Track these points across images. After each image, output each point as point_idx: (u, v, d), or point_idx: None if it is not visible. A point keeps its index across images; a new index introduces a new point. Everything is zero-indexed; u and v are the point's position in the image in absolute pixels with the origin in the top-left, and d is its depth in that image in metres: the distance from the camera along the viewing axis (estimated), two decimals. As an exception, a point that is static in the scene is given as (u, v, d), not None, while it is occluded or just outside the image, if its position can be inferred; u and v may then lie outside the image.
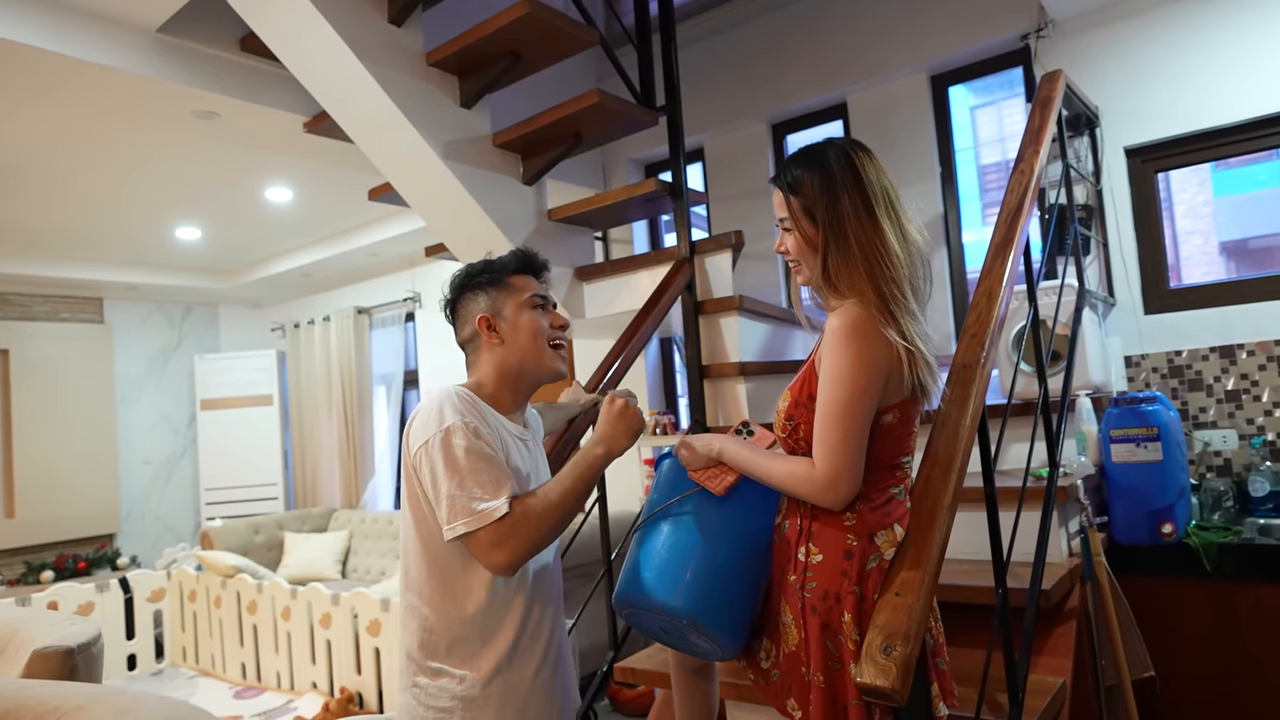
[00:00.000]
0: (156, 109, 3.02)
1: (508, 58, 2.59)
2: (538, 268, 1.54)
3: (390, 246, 5.30)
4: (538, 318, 1.49)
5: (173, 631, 4.83)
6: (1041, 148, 2.12)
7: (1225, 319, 2.71)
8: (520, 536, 1.26)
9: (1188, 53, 2.78)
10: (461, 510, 1.27)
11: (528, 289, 1.50)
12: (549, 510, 1.30)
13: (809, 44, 3.56)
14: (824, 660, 1.30)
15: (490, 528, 1.25)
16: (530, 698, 1.38)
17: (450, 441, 1.30)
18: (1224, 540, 2.23)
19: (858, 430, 1.27)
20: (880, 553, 1.29)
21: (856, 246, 1.31)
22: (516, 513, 1.27)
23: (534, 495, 1.31)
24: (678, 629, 1.41)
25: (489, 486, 1.28)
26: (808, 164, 1.37)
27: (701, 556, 1.38)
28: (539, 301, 1.50)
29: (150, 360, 6.41)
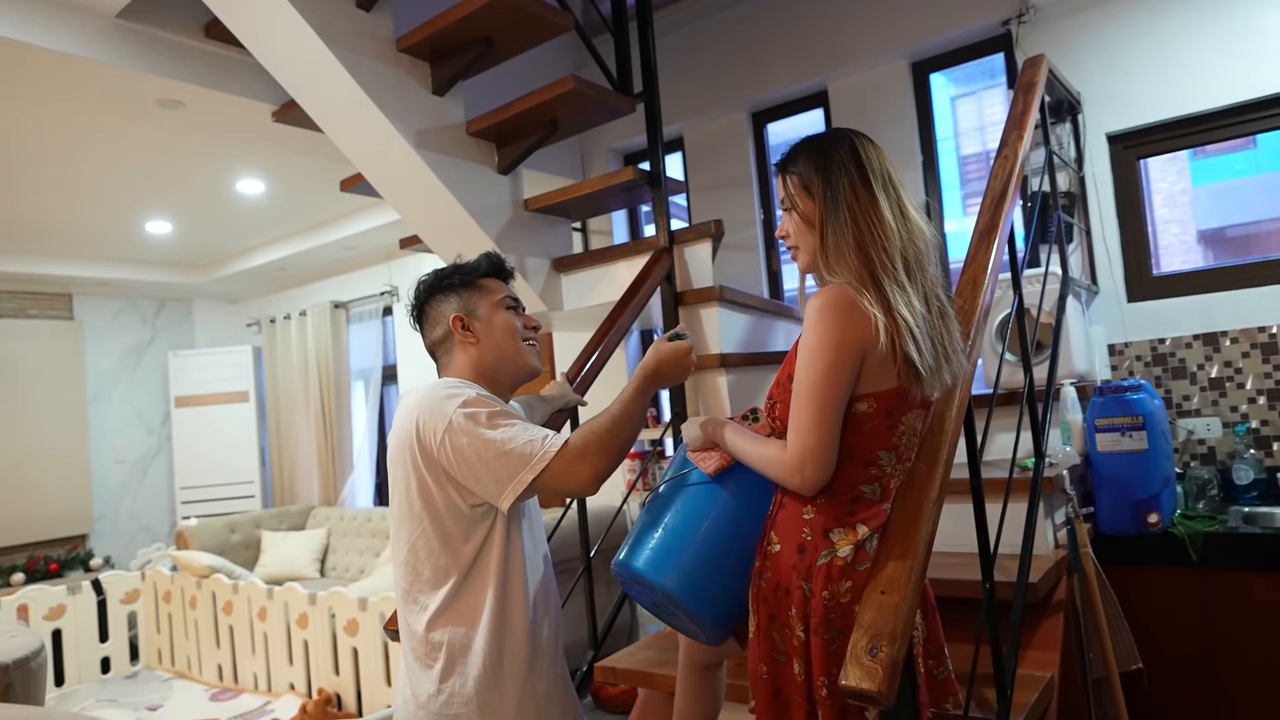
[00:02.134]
0: (118, 98, 2.92)
1: (481, 43, 2.52)
2: (506, 273, 1.59)
3: (367, 239, 5.21)
4: (511, 318, 1.52)
5: (148, 633, 4.74)
6: (1025, 133, 2.09)
7: (1208, 306, 2.70)
8: (594, 450, 1.32)
9: (1169, 38, 2.76)
10: (519, 461, 1.28)
11: (500, 291, 1.54)
12: (607, 428, 1.35)
13: (789, 30, 3.50)
14: (769, 651, 1.30)
15: (558, 460, 1.29)
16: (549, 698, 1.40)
17: (475, 415, 1.31)
18: (1209, 529, 2.21)
19: (830, 411, 1.23)
20: (834, 549, 1.25)
21: (849, 218, 1.29)
22: (576, 441, 1.32)
23: (584, 426, 1.36)
24: (664, 605, 1.40)
25: (533, 431, 1.32)
26: (807, 146, 1.38)
27: (686, 535, 1.37)
28: (511, 303, 1.54)
29: (122, 357, 6.28)
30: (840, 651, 1.15)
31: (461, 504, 1.33)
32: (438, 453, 1.31)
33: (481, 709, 1.31)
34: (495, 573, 1.35)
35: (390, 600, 3.44)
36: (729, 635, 1.43)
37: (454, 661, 1.33)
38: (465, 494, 1.33)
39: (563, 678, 1.46)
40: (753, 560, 1.36)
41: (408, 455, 1.35)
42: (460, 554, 1.34)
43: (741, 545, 1.37)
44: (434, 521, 1.34)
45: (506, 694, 1.33)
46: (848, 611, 1.21)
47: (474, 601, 1.34)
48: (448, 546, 1.34)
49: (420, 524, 1.35)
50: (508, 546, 1.37)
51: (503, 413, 1.34)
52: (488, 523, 1.35)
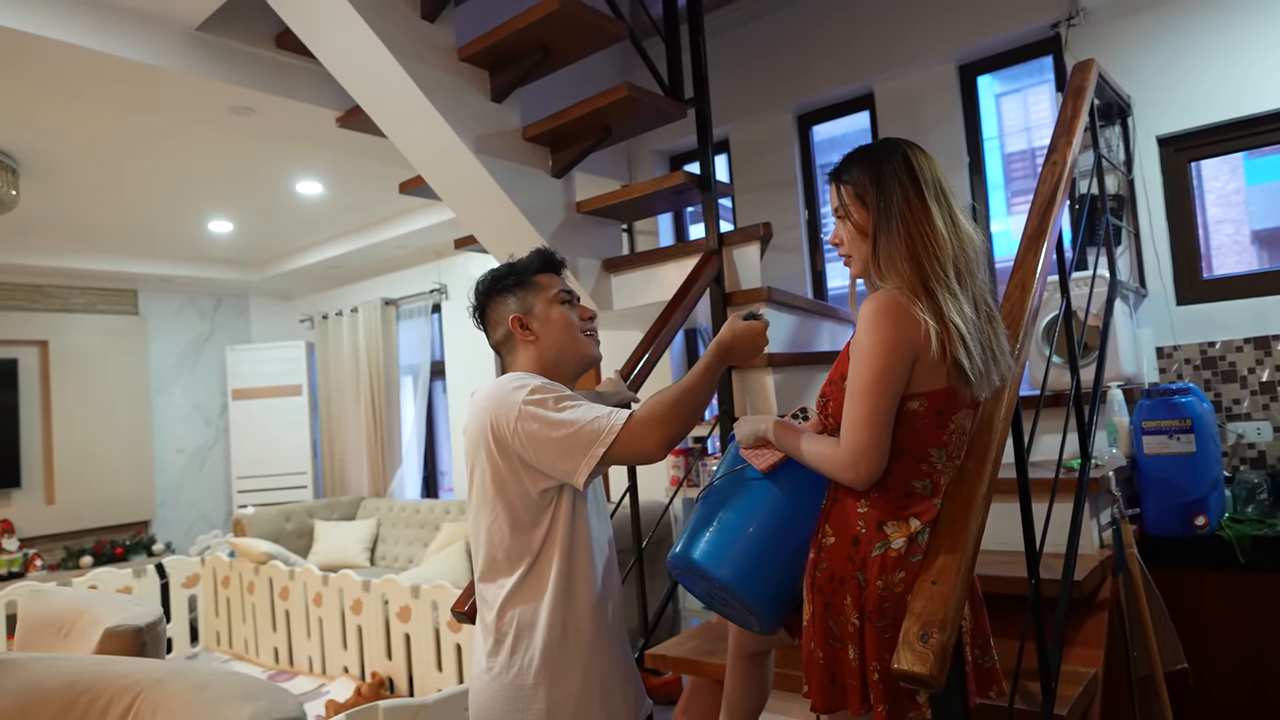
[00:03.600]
0: (194, 105, 3.07)
1: (538, 52, 2.61)
2: (557, 265, 1.63)
3: (417, 239, 5.35)
4: (567, 311, 1.58)
5: (207, 616, 4.94)
6: (1074, 139, 2.12)
7: (1260, 309, 2.68)
8: (659, 419, 1.36)
9: (1221, 41, 2.75)
10: (590, 437, 1.35)
11: (553, 286, 1.59)
12: (672, 398, 1.39)
13: (836, 34, 3.54)
14: (825, 637, 1.36)
15: (625, 431, 1.35)
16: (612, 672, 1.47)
17: (543, 400, 1.39)
18: (1258, 533, 2.22)
19: (883, 410, 1.29)
20: (888, 541, 1.31)
21: (901, 226, 1.34)
22: (640, 413, 1.37)
23: (651, 399, 1.41)
24: (719, 595, 1.47)
25: (599, 409, 1.38)
26: (860, 156, 1.43)
27: (741, 528, 1.44)
28: (565, 297, 1.58)
29: (183, 351, 6.53)
30: (893, 639, 1.22)
31: (532, 490, 1.42)
32: (512, 440, 1.39)
33: (550, 679, 1.39)
34: (561, 551, 1.43)
35: (442, 589, 3.57)
36: (780, 625, 1.50)
37: (522, 637, 1.41)
38: (537, 479, 1.41)
39: (625, 655, 1.53)
40: (805, 553, 1.43)
41: (483, 448, 1.43)
42: (530, 539, 1.42)
43: (794, 538, 1.44)
44: (506, 509, 1.43)
45: (571, 665, 1.41)
46: (900, 601, 1.27)
47: (541, 580, 1.42)
48: (518, 533, 1.43)
49: (494, 512, 1.44)
50: (573, 526, 1.45)
51: (568, 396, 1.42)
52: (554, 506, 1.44)
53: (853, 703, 1.32)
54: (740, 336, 1.50)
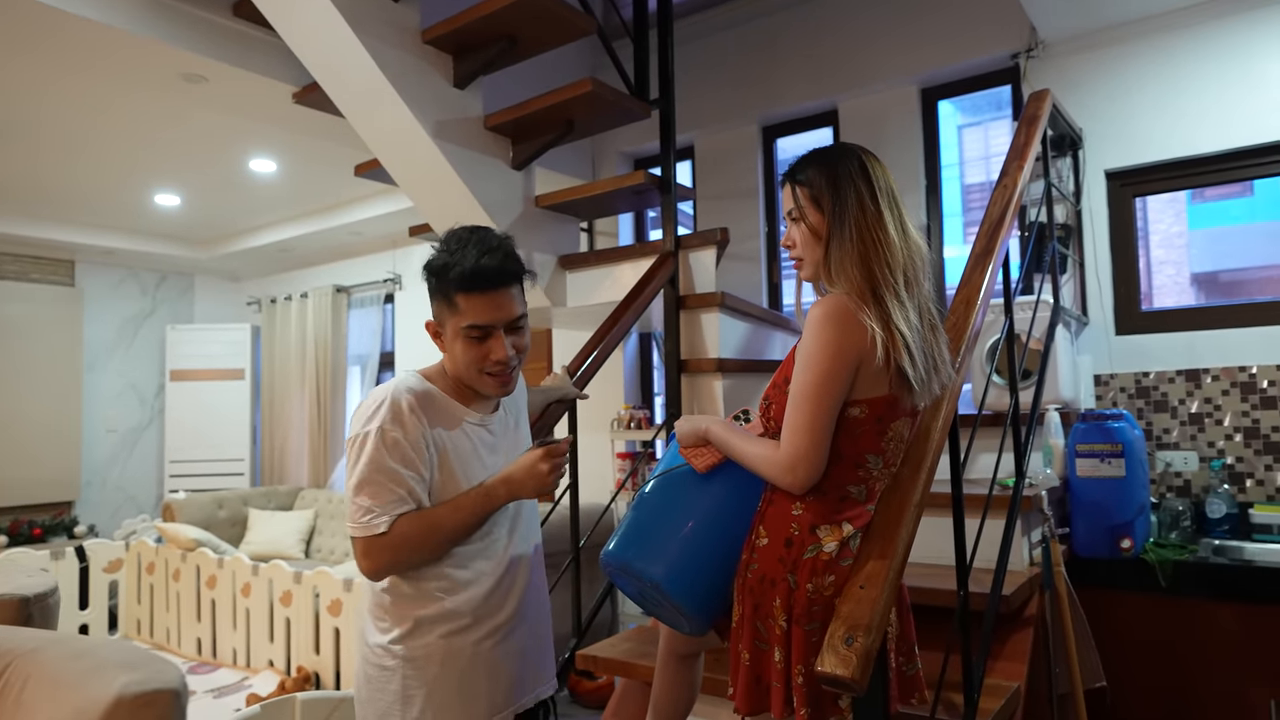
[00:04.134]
0: (144, 69, 2.97)
1: (504, 40, 2.58)
2: (485, 284, 1.40)
3: (373, 226, 5.25)
4: (471, 349, 1.42)
5: (128, 603, 4.75)
6: (1026, 163, 2.16)
7: (1192, 344, 2.77)
8: (390, 554, 1.35)
9: (1172, 82, 2.84)
10: (352, 514, 1.35)
11: (469, 314, 1.40)
12: (428, 536, 1.36)
13: (804, 49, 3.58)
14: (752, 639, 1.36)
15: (364, 540, 1.34)
16: (475, 663, 1.43)
17: (364, 447, 1.35)
18: (1180, 558, 2.28)
19: (824, 415, 1.29)
20: (820, 544, 1.31)
21: (855, 232, 1.35)
22: (395, 534, 1.33)
23: (422, 517, 1.36)
24: (651, 595, 1.45)
25: (381, 498, 1.34)
26: (817, 159, 1.43)
27: (677, 528, 1.42)
28: (475, 334, 1.40)
29: (121, 327, 6.30)
30: (819, 642, 1.21)
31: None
32: (345, 447, 1.42)
33: (408, 658, 1.40)
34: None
35: (375, 582, 3.48)
36: (710, 626, 1.49)
37: (393, 617, 1.42)
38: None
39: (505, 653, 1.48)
40: (738, 554, 1.42)
41: None
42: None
43: (728, 539, 1.42)
44: None
45: (432, 648, 1.40)
46: (829, 604, 1.27)
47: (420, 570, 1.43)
48: None
49: None
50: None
51: (381, 467, 1.34)
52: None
53: (776, 706, 1.32)
54: (527, 475, 1.42)
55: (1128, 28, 2.90)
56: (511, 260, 1.43)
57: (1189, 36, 2.81)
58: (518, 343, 1.45)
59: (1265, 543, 2.47)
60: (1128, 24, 2.89)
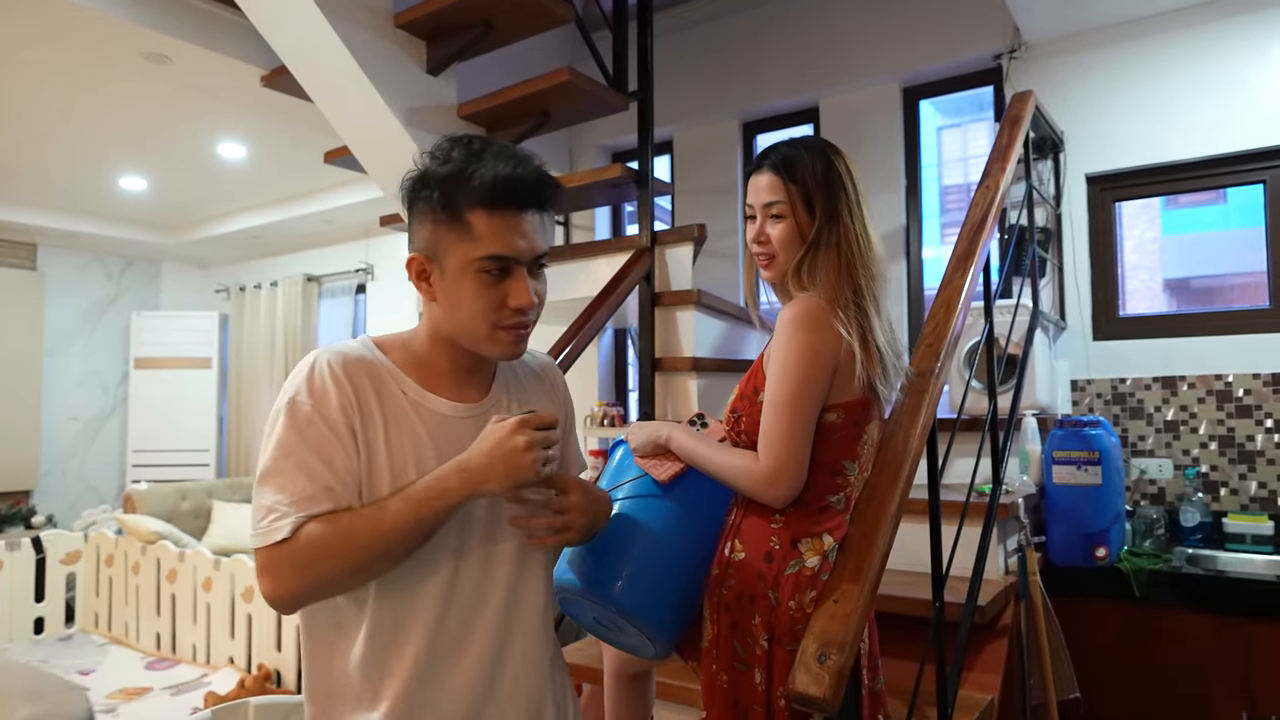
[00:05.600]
0: (105, 46, 2.86)
1: (479, 26, 2.51)
2: (519, 199, 1.00)
3: (345, 214, 5.15)
4: (485, 292, 1.01)
5: (85, 596, 4.62)
6: (1008, 165, 2.13)
7: (1169, 350, 2.76)
8: (296, 571, 0.93)
9: (1153, 88, 2.83)
10: (253, 514, 0.97)
11: (487, 242, 0.99)
12: (349, 546, 0.94)
13: (786, 44, 3.53)
14: (730, 660, 1.29)
15: (264, 552, 0.95)
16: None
17: (275, 425, 0.99)
18: (1153, 567, 2.26)
19: (804, 423, 1.24)
20: (802, 559, 1.26)
21: (843, 240, 1.30)
22: (301, 541, 0.93)
23: (341, 521, 0.95)
24: (611, 620, 1.35)
25: (287, 493, 0.95)
26: (809, 153, 1.34)
27: (639, 546, 1.31)
28: (494, 266, 1.00)
29: (84, 313, 6.14)
30: None
31: None
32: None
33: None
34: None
35: (340, 580, 3.40)
36: (675, 647, 1.41)
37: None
38: None
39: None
40: (704, 569, 1.34)
41: None
42: None
43: (694, 554, 1.34)
44: None
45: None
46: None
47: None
48: None
49: None
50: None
51: (291, 450, 0.97)
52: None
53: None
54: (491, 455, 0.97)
55: (1110, 30, 2.87)
56: (548, 178, 1.04)
57: (1170, 41, 2.79)
58: (539, 288, 1.06)
59: (1238, 552, 2.47)
60: (1111, 27, 2.87)
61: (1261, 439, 2.59)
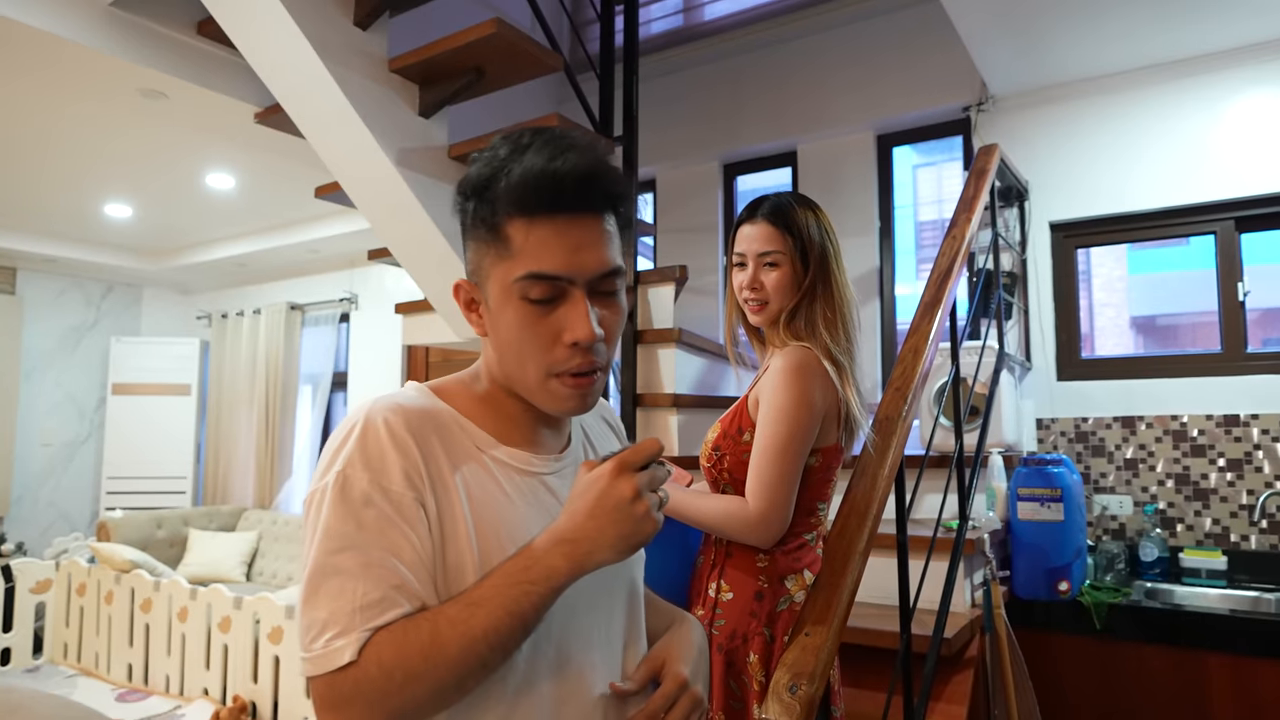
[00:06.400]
0: (101, 83, 2.92)
1: (471, 73, 2.60)
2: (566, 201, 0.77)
3: (331, 245, 5.20)
4: (531, 325, 0.78)
5: (55, 626, 4.56)
6: (974, 216, 2.24)
7: (1129, 391, 2.88)
8: (369, 705, 0.70)
9: (1113, 141, 2.98)
10: (302, 632, 0.73)
11: (528, 257, 0.77)
12: (436, 662, 0.71)
13: (766, 91, 3.67)
14: (725, 699, 1.34)
15: (324, 680, 0.71)
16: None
17: (319, 513, 0.75)
18: (1114, 600, 2.35)
19: (795, 469, 1.31)
20: (790, 596, 1.32)
21: (836, 293, 1.38)
22: (370, 664, 0.70)
23: (420, 629, 0.71)
24: None
25: (345, 599, 0.72)
26: (799, 206, 1.42)
27: None
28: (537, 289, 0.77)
29: (62, 337, 6.11)
30: None
31: None
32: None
33: None
34: None
35: (319, 610, 3.40)
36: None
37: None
38: None
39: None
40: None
41: None
42: None
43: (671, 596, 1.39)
44: None
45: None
46: None
47: None
48: None
49: None
50: None
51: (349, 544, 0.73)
52: None
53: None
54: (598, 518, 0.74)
55: (1072, 87, 3.03)
56: (606, 171, 0.79)
57: (1128, 99, 2.95)
58: (608, 318, 0.80)
59: (1194, 586, 2.57)
60: (1072, 83, 3.03)
61: (1215, 477, 2.71)
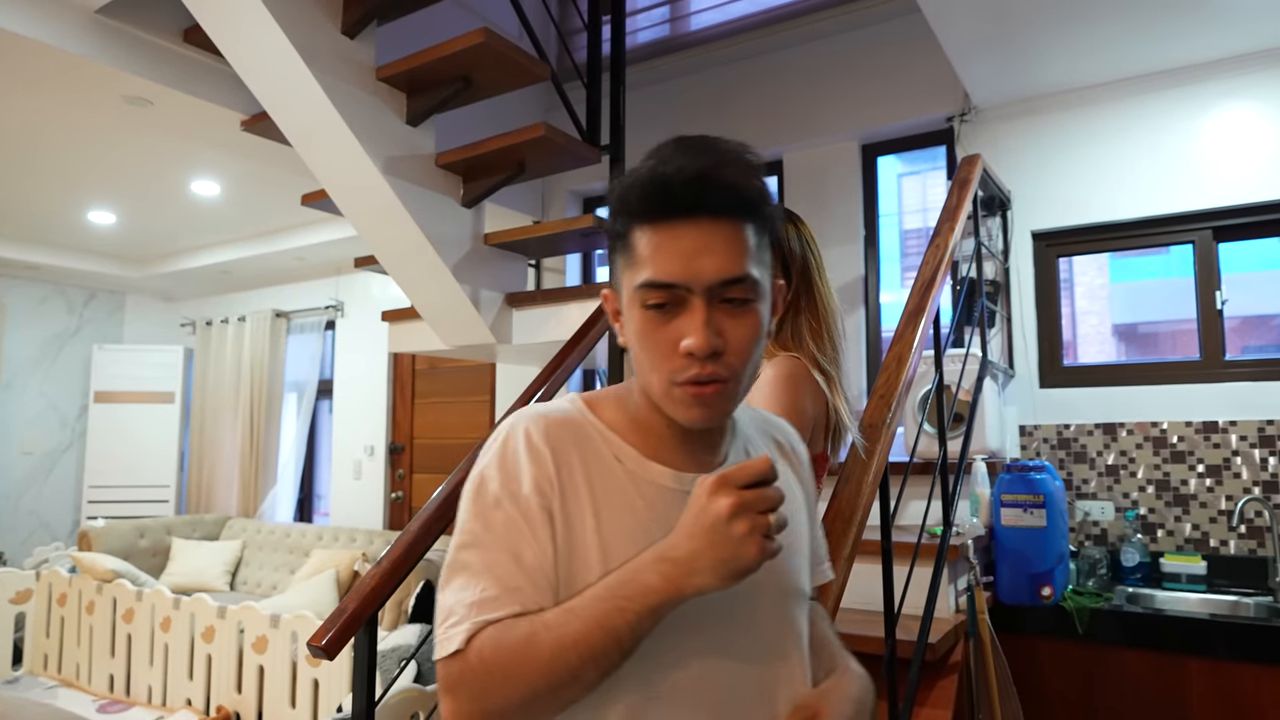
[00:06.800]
0: (86, 90, 2.90)
1: (459, 82, 2.61)
2: (677, 204, 0.77)
3: (317, 252, 5.18)
4: (651, 332, 0.78)
5: (35, 637, 4.51)
6: (957, 225, 2.27)
7: (1109, 398, 2.92)
8: (470, 695, 0.73)
9: (1094, 152, 3.02)
10: (435, 617, 0.79)
11: (644, 265, 0.77)
12: (528, 663, 0.72)
13: (752, 101, 3.70)
14: None
15: (442, 663, 0.75)
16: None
17: (463, 506, 0.81)
18: (1095, 605, 2.38)
19: None
20: None
21: (820, 303, 1.39)
22: (473, 655, 0.73)
23: (518, 629, 0.73)
24: None
25: (467, 592, 0.76)
26: (784, 221, 1.43)
27: None
28: (655, 297, 0.77)
29: (44, 345, 6.05)
30: None
31: None
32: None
33: None
34: None
35: (304, 619, 3.38)
36: None
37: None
38: None
39: None
40: None
41: None
42: None
43: None
44: None
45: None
46: None
47: None
48: None
49: None
50: None
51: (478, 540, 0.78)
52: None
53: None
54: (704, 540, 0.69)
55: (1054, 98, 3.08)
56: (724, 175, 0.78)
57: (1109, 110, 3.00)
58: (732, 328, 0.77)
59: (1174, 590, 2.60)
60: (1054, 94, 3.07)
61: (1194, 483, 2.75)
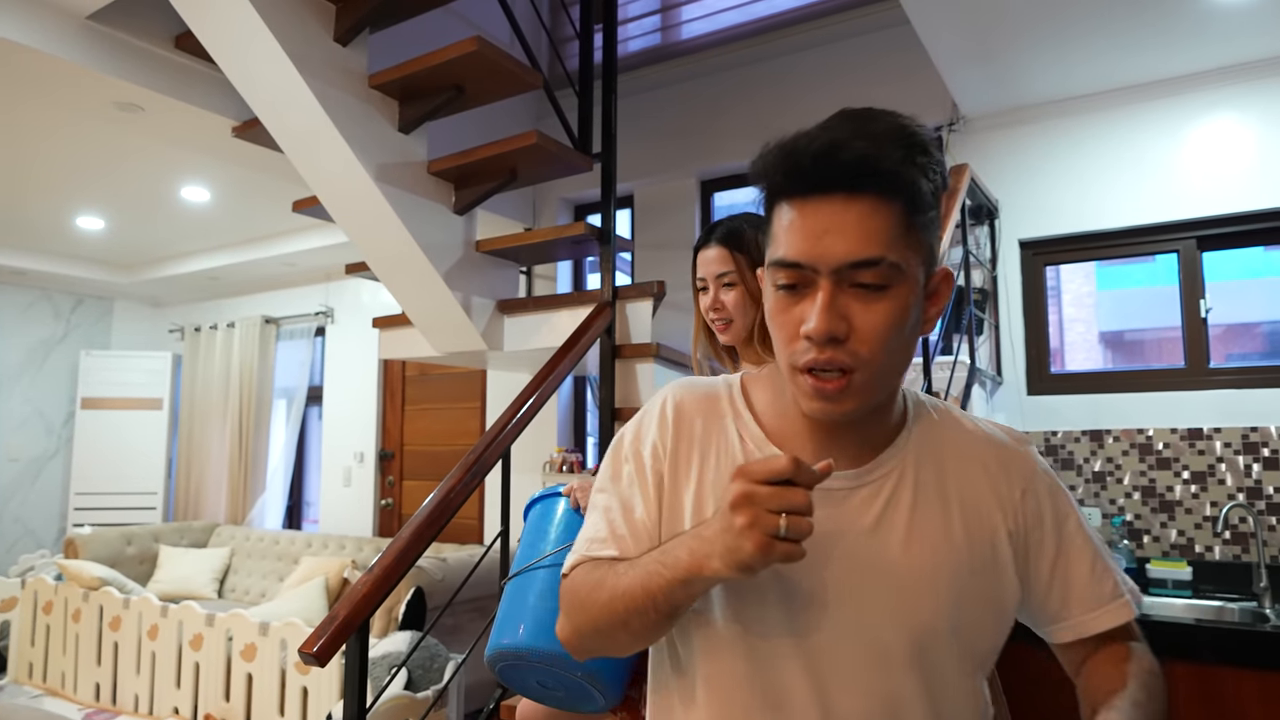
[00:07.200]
0: (76, 96, 2.90)
1: (451, 90, 2.62)
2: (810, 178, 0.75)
3: (307, 258, 5.17)
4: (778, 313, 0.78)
5: (20, 645, 4.46)
6: (945, 233, 2.29)
7: (1096, 405, 2.95)
8: (566, 612, 0.84)
9: (1081, 162, 3.06)
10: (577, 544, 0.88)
11: (777, 243, 0.78)
12: (593, 600, 0.79)
13: (743, 109, 3.72)
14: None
15: (571, 573, 0.86)
16: None
17: (610, 447, 0.91)
18: (1083, 611, 2.39)
19: None
20: None
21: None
22: (572, 580, 0.84)
23: (599, 570, 0.81)
24: (559, 680, 1.36)
25: (589, 528, 0.86)
26: (749, 227, 1.48)
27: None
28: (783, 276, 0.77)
29: (30, 351, 6.01)
30: None
31: None
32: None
33: None
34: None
35: (293, 626, 3.37)
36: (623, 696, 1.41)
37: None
38: None
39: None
40: None
41: None
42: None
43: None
44: None
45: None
46: None
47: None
48: None
49: None
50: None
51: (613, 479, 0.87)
52: None
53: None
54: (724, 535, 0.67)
55: (1041, 109, 3.11)
56: (861, 147, 0.73)
57: (1095, 120, 3.04)
58: (862, 314, 0.73)
59: (1160, 596, 2.62)
60: (1041, 105, 3.11)
61: (1180, 490, 2.78)
